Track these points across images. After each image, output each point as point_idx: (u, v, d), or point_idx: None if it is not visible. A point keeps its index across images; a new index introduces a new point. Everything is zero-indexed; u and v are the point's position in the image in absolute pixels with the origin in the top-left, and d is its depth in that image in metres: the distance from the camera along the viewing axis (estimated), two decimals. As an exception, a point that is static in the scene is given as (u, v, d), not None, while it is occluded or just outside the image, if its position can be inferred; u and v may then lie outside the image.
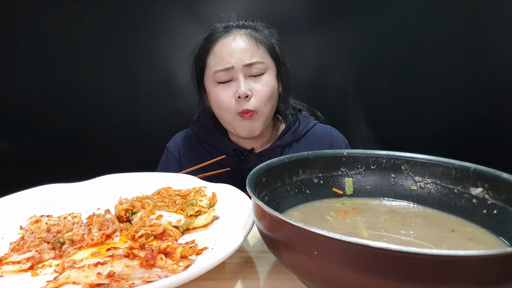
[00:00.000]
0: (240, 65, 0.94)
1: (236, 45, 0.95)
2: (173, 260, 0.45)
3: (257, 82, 0.97)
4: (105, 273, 0.43)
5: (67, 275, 0.44)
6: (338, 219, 0.54)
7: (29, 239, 0.54)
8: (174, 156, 1.11)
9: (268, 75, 0.98)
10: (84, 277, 0.43)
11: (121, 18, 1.61)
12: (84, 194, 0.71)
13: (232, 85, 0.96)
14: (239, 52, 0.95)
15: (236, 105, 0.96)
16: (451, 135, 1.72)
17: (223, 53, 0.95)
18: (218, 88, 0.98)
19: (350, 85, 1.73)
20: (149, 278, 0.43)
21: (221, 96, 0.97)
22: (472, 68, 1.65)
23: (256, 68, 0.96)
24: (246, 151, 1.06)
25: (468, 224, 0.52)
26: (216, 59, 0.96)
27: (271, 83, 0.98)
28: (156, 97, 1.71)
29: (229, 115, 0.98)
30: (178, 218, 0.60)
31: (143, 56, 1.67)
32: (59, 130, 1.65)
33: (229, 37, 0.97)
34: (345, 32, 1.65)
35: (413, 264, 0.30)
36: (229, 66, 0.94)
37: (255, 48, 0.96)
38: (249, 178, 0.48)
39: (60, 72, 1.64)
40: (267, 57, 0.99)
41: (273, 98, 1.00)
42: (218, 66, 0.96)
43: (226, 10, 1.61)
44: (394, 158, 0.60)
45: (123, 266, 0.45)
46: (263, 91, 0.96)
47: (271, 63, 1.00)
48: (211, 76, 0.98)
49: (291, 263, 0.40)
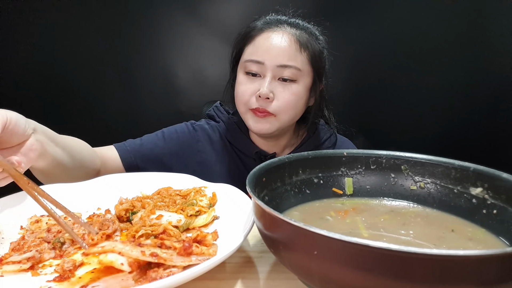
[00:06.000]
0: (273, 64, 0.89)
1: (277, 42, 0.90)
2: (207, 246, 0.49)
3: (285, 87, 0.91)
4: (148, 252, 0.43)
5: (114, 245, 0.44)
6: (338, 219, 0.54)
7: (29, 239, 0.54)
8: (197, 140, 1.03)
9: (299, 84, 0.92)
10: (130, 250, 0.43)
11: (121, 18, 1.61)
12: (84, 194, 0.71)
13: (258, 81, 0.92)
14: (278, 51, 0.89)
15: (254, 103, 0.91)
16: (451, 135, 1.72)
17: (262, 45, 0.91)
18: (245, 78, 0.94)
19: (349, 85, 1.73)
20: (190, 262, 0.44)
21: (244, 88, 0.93)
22: (473, 68, 1.65)
23: (289, 72, 0.90)
24: (268, 155, 1.02)
25: (468, 224, 0.52)
26: (253, 49, 0.92)
27: (300, 94, 0.92)
28: (156, 97, 1.71)
29: (244, 108, 0.95)
30: (178, 218, 0.60)
31: (143, 56, 1.67)
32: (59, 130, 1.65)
33: (274, 32, 0.91)
34: (345, 32, 1.65)
35: (413, 264, 0.31)
36: (261, 61, 0.90)
37: (297, 51, 0.90)
38: (249, 178, 0.48)
39: (60, 72, 1.64)
40: (307, 65, 0.92)
41: (296, 109, 0.94)
42: (252, 56, 0.92)
43: (227, 10, 1.61)
44: (394, 158, 0.60)
45: (161, 251, 0.45)
46: (286, 99, 0.90)
47: (309, 72, 0.94)
48: (243, 63, 0.94)
49: (291, 263, 0.40)
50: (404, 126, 1.73)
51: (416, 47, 1.64)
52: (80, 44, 1.61)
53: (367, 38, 1.65)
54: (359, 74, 1.71)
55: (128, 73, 1.69)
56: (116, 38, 1.63)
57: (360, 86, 1.72)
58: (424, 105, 1.70)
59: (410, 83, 1.69)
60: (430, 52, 1.64)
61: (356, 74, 1.71)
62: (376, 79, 1.70)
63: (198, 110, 1.18)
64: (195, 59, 1.69)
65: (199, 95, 1.69)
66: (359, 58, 1.68)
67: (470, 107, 1.69)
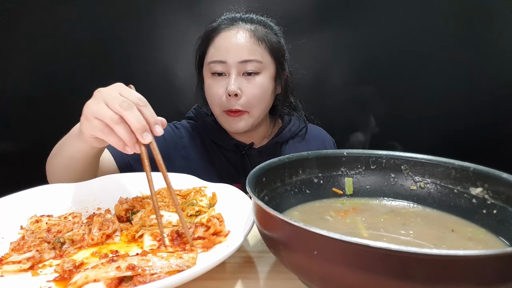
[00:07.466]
0: (235, 61, 0.93)
1: (236, 40, 0.94)
2: (225, 236, 0.53)
3: (250, 82, 0.95)
4: (124, 266, 0.43)
5: (85, 276, 0.42)
6: (338, 219, 0.54)
7: (29, 239, 0.54)
8: (180, 137, 1.07)
9: (263, 76, 0.96)
10: (104, 272, 0.42)
11: (120, 17, 1.61)
12: (84, 194, 0.71)
13: (225, 80, 0.95)
14: (237, 48, 0.93)
15: (226, 102, 0.95)
16: (451, 135, 1.72)
17: (221, 45, 0.95)
18: (212, 80, 0.98)
19: (349, 85, 1.73)
20: (170, 268, 0.44)
21: (213, 90, 0.97)
22: (473, 68, 1.65)
23: (252, 66, 0.94)
24: (246, 145, 1.06)
25: (468, 224, 0.52)
26: (214, 50, 0.96)
27: (265, 85, 0.97)
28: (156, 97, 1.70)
29: (218, 110, 0.98)
30: (178, 218, 0.60)
31: (143, 56, 1.67)
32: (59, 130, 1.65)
33: (231, 30, 0.96)
34: (346, 32, 1.65)
35: (413, 264, 0.31)
36: (223, 60, 0.94)
37: (255, 45, 0.94)
38: (249, 178, 0.48)
39: (60, 72, 1.64)
40: (267, 56, 0.97)
41: (265, 100, 0.99)
42: (214, 57, 0.95)
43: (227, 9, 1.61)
44: (394, 158, 0.60)
45: (139, 259, 0.45)
46: (253, 93, 0.95)
47: (271, 62, 0.98)
48: (207, 66, 0.98)
49: (291, 263, 0.40)
50: (404, 126, 1.73)
51: (417, 47, 1.64)
52: (80, 43, 1.61)
53: (367, 39, 1.65)
54: (359, 74, 1.71)
55: (128, 73, 1.69)
56: (116, 38, 1.63)
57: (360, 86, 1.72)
58: (424, 105, 1.70)
59: (410, 83, 1.68)
60: (430, 52, 1.64)
61: (356, 74, 1.71)
62: (376, 79, 1.70)
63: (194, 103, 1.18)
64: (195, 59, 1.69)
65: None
66: (360, 59, 1.68)
67: (470, 107, 1.69)
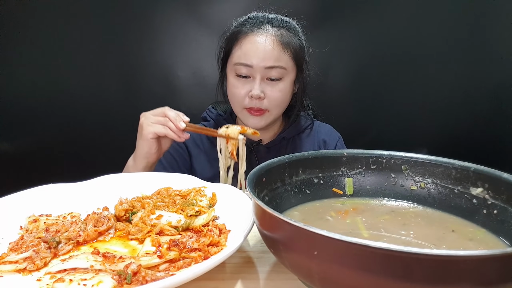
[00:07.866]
0: (261, 67, 0.97)
1: (263, 46, 0.96)
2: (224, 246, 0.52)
3: (273, 86, 1.00)
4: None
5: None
6: (338, 219, 0.54)
7: (28, 239, 0.54)
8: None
9: (285, 81, 1.01)
10: None
11: (121, 17, 1.61)
12: (84, 194, 0.70)
13: (249, 82, 0.99)
14: (263, 54, 0.96)
15: (248, 102, 1.00)
16: (451, 135, 1.72)
17: (248, 49, 0.97)
18: (236, 80, 1.01)
19: (350, 85, 1.73)
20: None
21: (237, 90, 1.01)
22: (473, 68, 1.65)
23: (276, 72, 0.98)
24: (254, 142, 1.09)
25: (468, 224, 0.52)
26: (241, 53, 0.99)
27: (286, 89, 1.02)
28: (156, 97, 1.71)
29: (239, 107, 1.03)
30: (178, 218, 0.60)
31: (143, 56, 1.67)
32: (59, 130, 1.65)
33: (258, 35, 0.98)
34: (346, 32, 1.65)
35: (413, 264, 0.30)
36: (250, 64, 0.97)
37: (281, 52, 0.97)
38: (249, 178, 0.48)
39: (60, 72, 1.64)
40: (290, 62, 1.00)
41: (285, 102, 1.05)
42: (241, 60, 0.98)
43: (227, 10, 1.61)
44: (394, 158, 0.60)
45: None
46: (275, 96, 1.00)
47: (293, 67, 1.02)
48: (232, 66, 1.01)
49: (291, 263, 0.40)
50: (404, 126, 1.73)
51: (417, 47, 1.64)
52: (81, 44, 1.61)
53: (368, 39, 1.65)
54: (360, 74, 1.71)
55: (128, 73, 1.69)
56: (116, 38, 1.63)
57: (361, 86, 1.72)
58: (424, 105, 1.70)
59: (410, 83, 1.69)
60: (431, 52, 1.64)
61: (356, 74, 1.71)
62: (376, 79, 1.70)
63: (198, 110, 1.19)
64: (195, 59, 1.69)
65: (199, 95, 1.69)
66: (360, 59, 1.68)
67: (471, 107, 1.69)
